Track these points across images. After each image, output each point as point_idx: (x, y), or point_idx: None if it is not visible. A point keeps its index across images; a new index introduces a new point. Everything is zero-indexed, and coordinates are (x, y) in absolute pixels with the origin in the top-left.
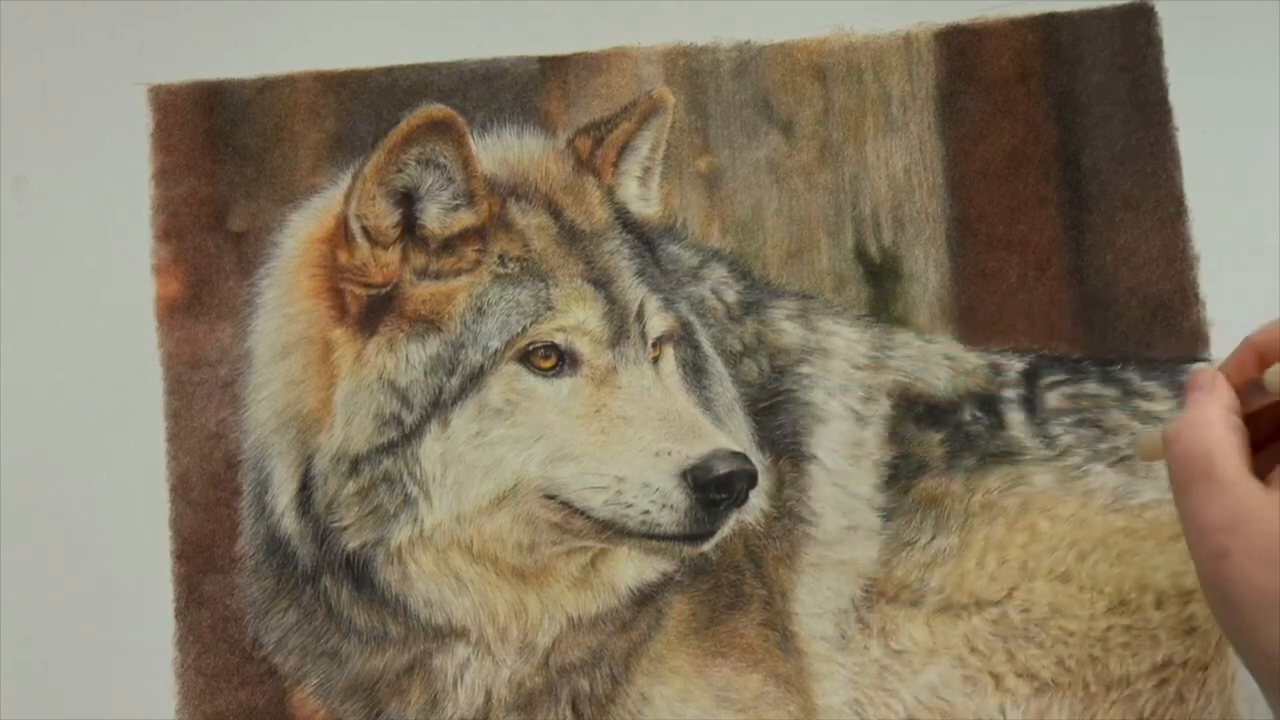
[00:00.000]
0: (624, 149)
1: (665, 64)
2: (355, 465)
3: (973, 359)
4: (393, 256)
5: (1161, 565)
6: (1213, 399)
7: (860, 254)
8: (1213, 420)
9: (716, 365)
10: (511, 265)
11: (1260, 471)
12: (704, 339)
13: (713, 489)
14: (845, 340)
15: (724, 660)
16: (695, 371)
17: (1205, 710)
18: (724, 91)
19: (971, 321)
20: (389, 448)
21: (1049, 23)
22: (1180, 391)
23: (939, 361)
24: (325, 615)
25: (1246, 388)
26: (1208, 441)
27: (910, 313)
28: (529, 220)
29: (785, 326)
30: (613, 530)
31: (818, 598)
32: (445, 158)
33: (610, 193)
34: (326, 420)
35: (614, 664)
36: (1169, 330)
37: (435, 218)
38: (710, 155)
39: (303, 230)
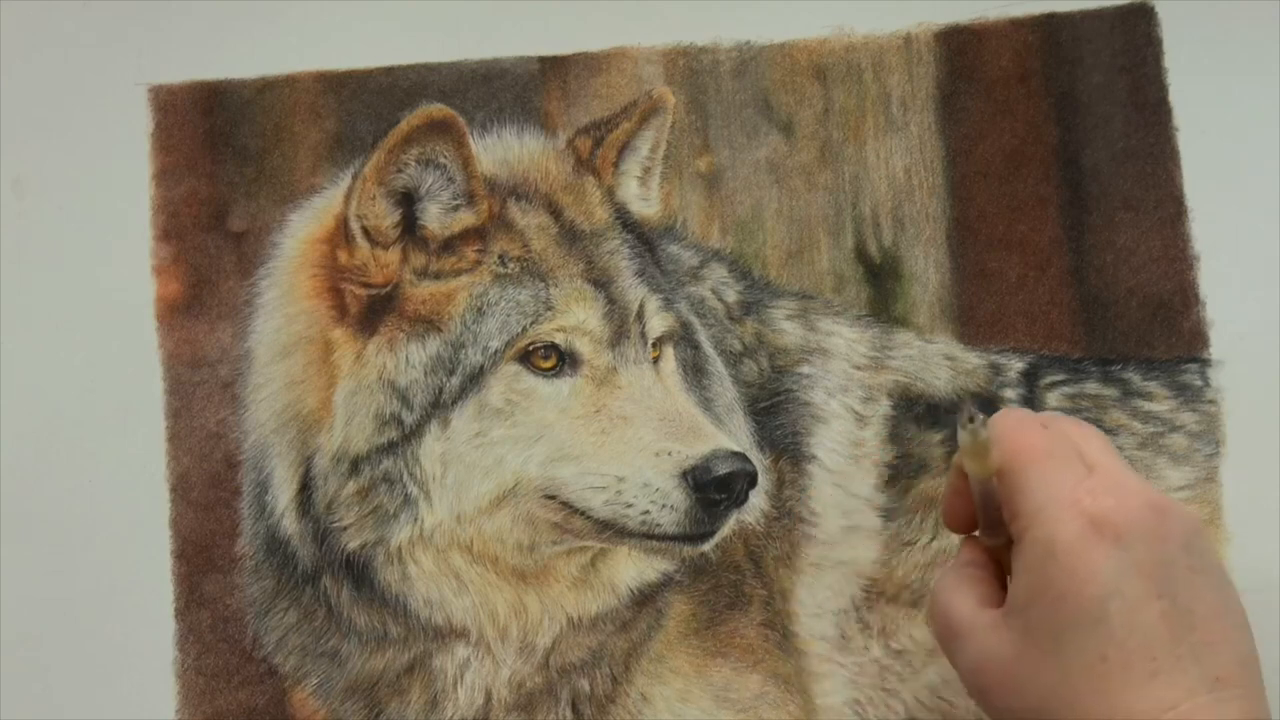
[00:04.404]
0: (624, 149)
1: (665, 64)
2: (355, 465)
3: (973, 359)
4: (393, 256)
5: None
6: (947, 565)
7: (860, 254)
8: (941, 586)
9: (716, 365)
10: (511, 265)
11: None
12: (704, 339)
13: (713, 489)
14: (845, 340)
15: (724, 660)
16: (695, 371)
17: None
18: (724, 91)
19: (971, 321)
20: (389, 448)
21: (1049, 23)
22: (1180, 391)
23: (939, 361)
24: (325, 615)
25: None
26: (942, 605)
27: (910, 313)
28: (529, 220)
29: (785, 326)
30: (613, 530)
31: (818, 598)
32: (445, 158)
33: (610, 193)
34: (326, 420)
35: (614, 664)
36: (1169, 330)
37: (435, 218)
38: (710, 155)
39: (303, 230)
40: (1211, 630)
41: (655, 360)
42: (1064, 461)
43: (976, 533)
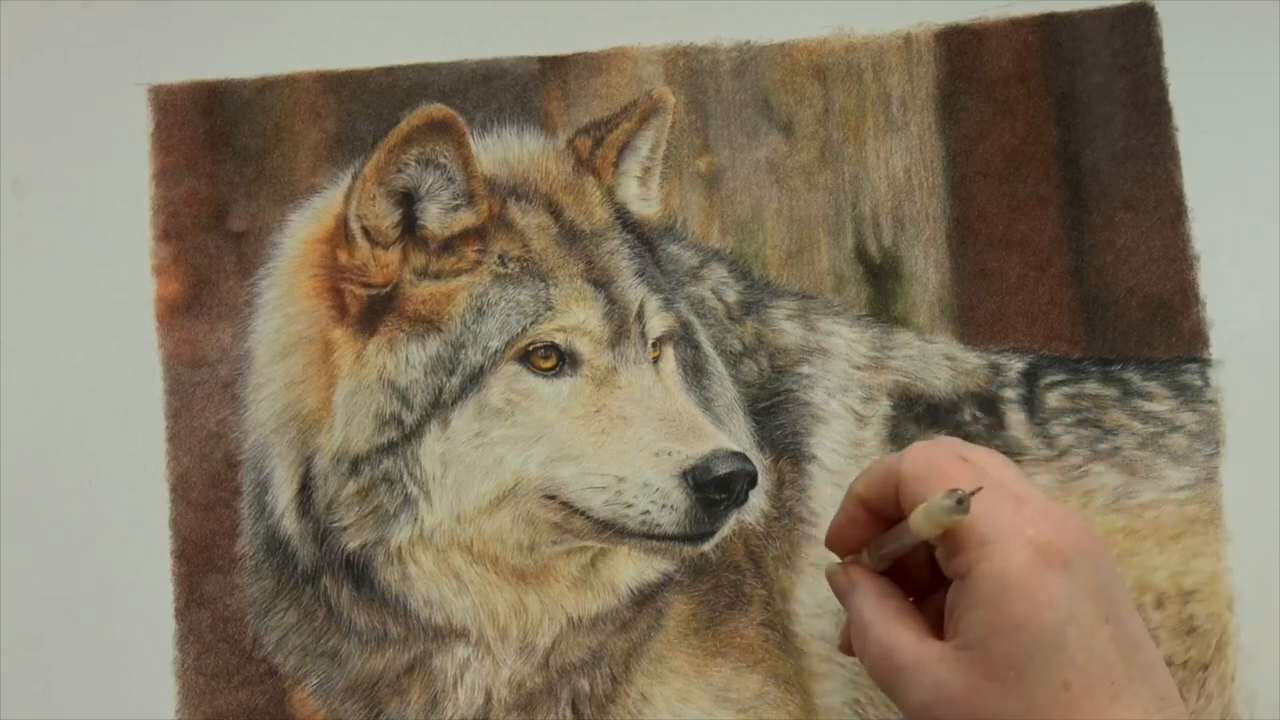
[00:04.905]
0: (624, 149)
1: (665, 64)
2: (355, 465)
3: (973, 359)
4: (393, 256)
5: (1161, 565)
6: (861, 597)
7: (860, 254)
8: (870, 619)
9: (716, 365)
10: (511, 265)
11: (933, 617)
12: (704, 339)
13: (713, 489)
14: (845, 340)
15: (724, 660)
16: (695, 371)
17: (1205, 710)
18: (724, 91)
19: (971, 321)
20: (389, 448)
21: (1049, 23)
22: (1180, 391)
23: (939, 361)
24: (325, 615)
25: (881, 540)
26: (878, 640)
27: (910, 313)
28: (529, 220)
29: (785, 326)
30: (613, 530)
31: (818, 598)
32: (445, 158)
33: (610, 193)
34: (326, 420)
35: (614, 664)
36: (1169, 330)
37: (435, 218)
38: (710, 155)
39: (303, 230)
40: (1148, 650)
41: (655, 360)
42: (997, 494)
43: (855, 557)
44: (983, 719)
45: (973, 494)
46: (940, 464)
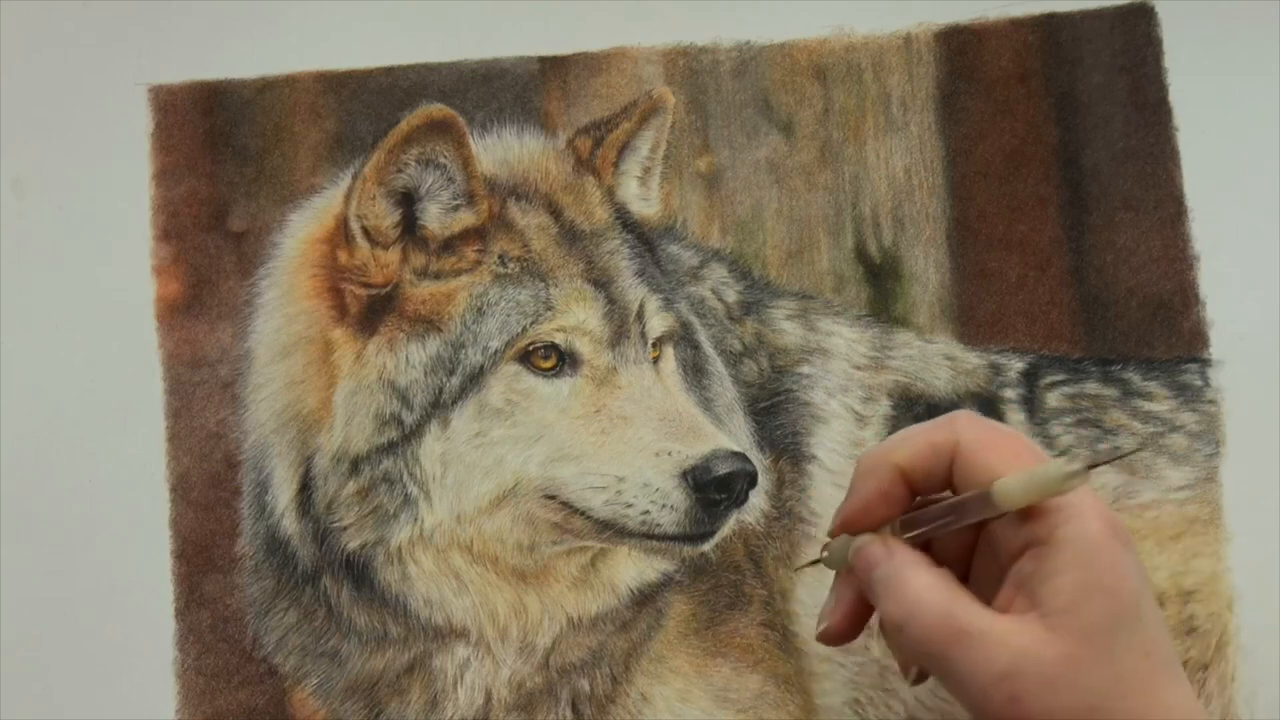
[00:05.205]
0: (624, 149)
1: (665, 64)
2: (355, 465)
3: (973, 359)
4: (393, 256)
5: (1161, 565)
6: (909, 567)
7: (860, 254)
8: (927, 585)
9: (716, 365)
10: (511, 265)
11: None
12: (704, 339)
13: (713, 489)
14: (845, 340)
15: (724, 660)
16: (695, 371)
17: (1205, 710)
18: (724, 91)
19: (971, 321)
20: (389, 448)
21: (1049, 23)
22: (1181, 391)
23: (939, 361)
24: (325, 615)
25: (918, 516)
26: (940, 608)
27: (910, 313)
28: (529, 220)
29: (785, 326)
30: (613, 530)
31: (817, 598)
32: (445, 158)
33: (610, 193)
34: (326, 420)
35: (614, 664)
36: (1169, 330)
37: (435, 218)
38: (710, 155)
39: (303, 230)
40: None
41: (655, 360)
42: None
43: (868, 535)
44: (1070, 688)
45: (1105, 462)
46: (996, 435)
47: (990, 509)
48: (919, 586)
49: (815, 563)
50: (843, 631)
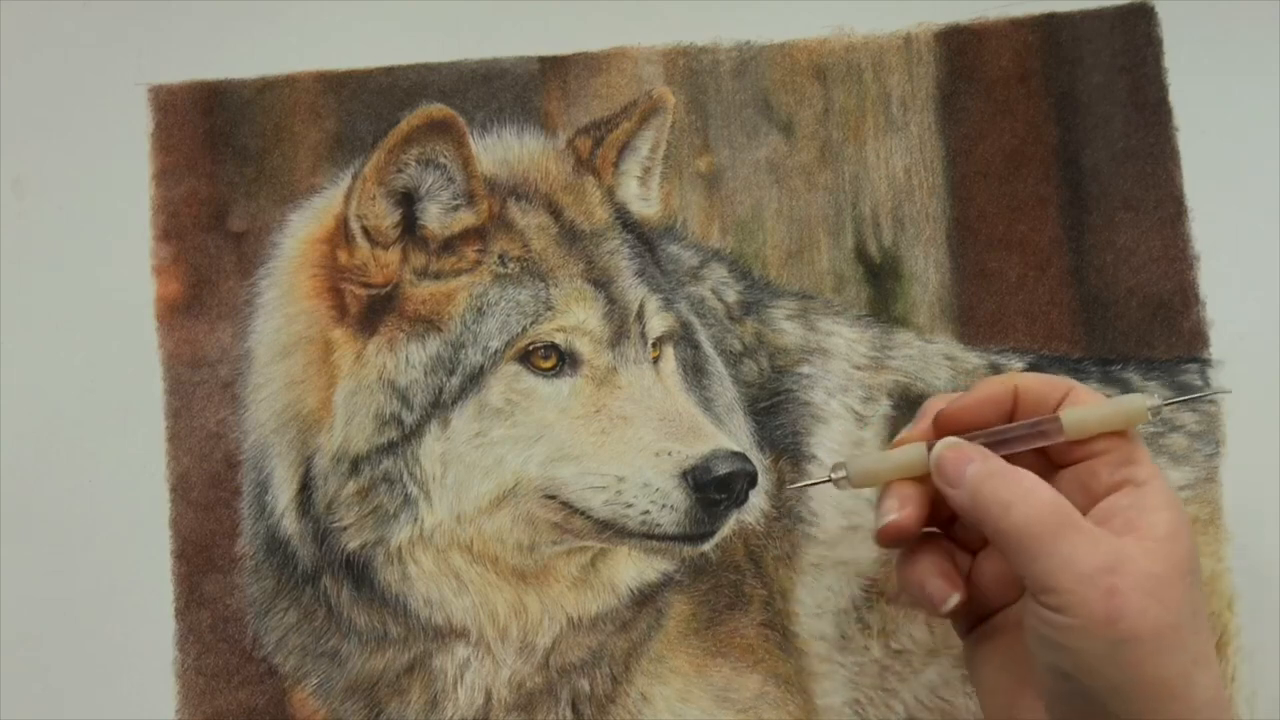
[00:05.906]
0: (624, 149)
1: (665, 64)
2: (355, 465)
3: (973, 359)
4: (393, 256)
5: None
6: (1013, 468)
7: (860, 254)
8: (1037, 480)
9: (716, 365)
10: (511, 265)
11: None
12: (704, 339)
13: (713, 489)
14: (845, 340)
15: (724, 660)
16: (695, 371)
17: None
18: (724, 91)
19: (971, 321)
20: (389, 448)
21: (1049, 23)
22: (1182, 391)
23: (939, 361)
24: (325, 615)
25: (1002, 429)
26: (1052, 496)
27: (910, 313)
28: (529, 220)
29: (785, 326)
30: (613, 530)
31: (818, 598)
32: (445, 158)
33: (610, 193)
34: (326, 420)
35: (614, 664)
36: (1169, 330)
37: (435, 218)
38: (710, 155)
39: (303, 230)
40: None
41: (655, 360)
42: None
43: None
44: (1163, 602)
45: (1183, 400)
46: (1055, 383)
47: (1058, 434)
48: (1031, 478)
49: (823, 482)
50: (912, 525)
